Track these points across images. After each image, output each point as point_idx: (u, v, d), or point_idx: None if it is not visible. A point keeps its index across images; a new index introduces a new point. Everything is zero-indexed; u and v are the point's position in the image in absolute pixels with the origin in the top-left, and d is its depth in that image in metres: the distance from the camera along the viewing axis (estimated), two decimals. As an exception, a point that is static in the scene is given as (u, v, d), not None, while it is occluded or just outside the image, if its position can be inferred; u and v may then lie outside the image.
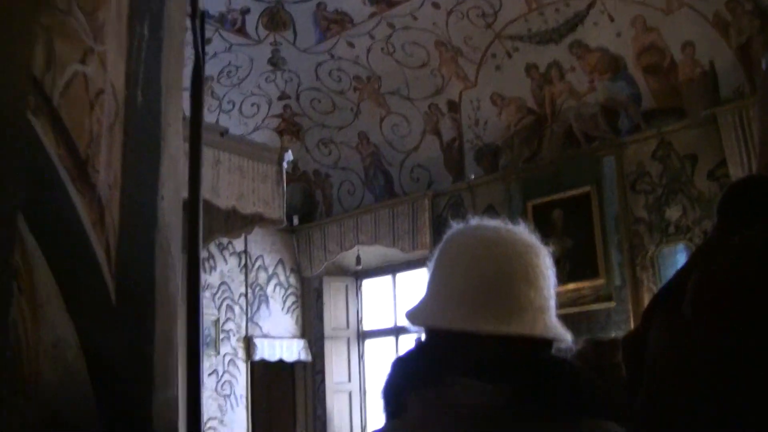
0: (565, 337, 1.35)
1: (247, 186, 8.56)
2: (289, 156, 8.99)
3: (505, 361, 1.30)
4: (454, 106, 10.14)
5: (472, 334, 1.30)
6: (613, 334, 8.30)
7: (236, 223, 9.41)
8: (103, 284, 1.62)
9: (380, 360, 11.84)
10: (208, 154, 8.07)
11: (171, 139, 2.14)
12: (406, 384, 1.40)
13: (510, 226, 1.50)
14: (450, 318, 1.34)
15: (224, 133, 8.42)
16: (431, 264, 1.52)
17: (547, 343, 1.35)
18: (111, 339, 1.60)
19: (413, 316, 1.47)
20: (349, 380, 11.84)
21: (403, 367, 1.45)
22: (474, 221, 1.53)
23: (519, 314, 1.32)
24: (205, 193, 7.89)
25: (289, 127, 11.43)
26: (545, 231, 7.34)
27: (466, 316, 1.32)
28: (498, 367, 1.29)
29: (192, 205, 2.15)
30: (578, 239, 9.00)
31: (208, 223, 9.67)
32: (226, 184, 8.33)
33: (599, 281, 8.86)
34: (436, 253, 1.53)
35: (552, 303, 1.38)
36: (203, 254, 10.54)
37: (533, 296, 1.35)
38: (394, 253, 11.07)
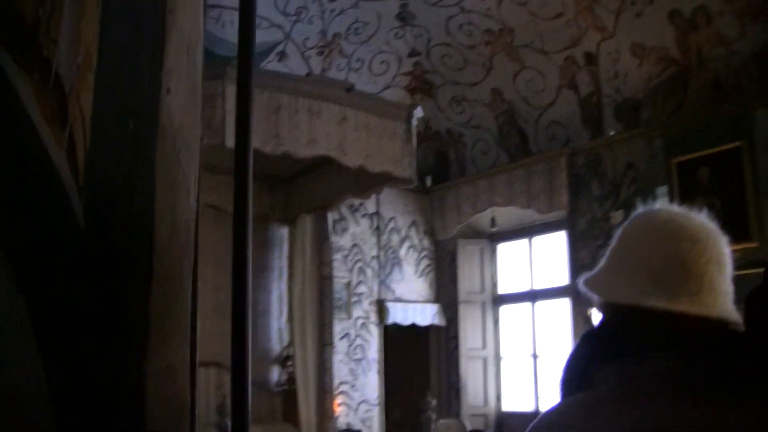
0: (740, 322, 1.44)
1: (375, 144, 8.76)
2: (418, 112, 9.15)
3: (700, 338, 1.41)
4: (591, 59, 10.13)
5: (667, 311, 1.41)
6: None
7: (366, 183, 9.77)
8: (64, 206, 1.26)
9: (515, 326, 12.03)
10: (333, 110, 8.45)
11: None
12: (599, 357, 1.50)
13: (694, 212, 1.57)
14: (646, 295, 1.45)
15: (350, 88, 8.66)
16: (615, 240, 1.62)
17: (725, 325, 1.45)
18: (75, 288, 1.26)
19: (596, 288, 1.59)
20: (484, 346, 12.12)
21: (594, 341, 1.55)
22: (658, 205, 1.60)
23: (709, 296, 1.43)
24: (332, 151, 8.33)
25: (420, 85, 11.72)
26: (691, 190, 7.40)
27: (662, 294, 1.43)
28: (694, 342, 1.40)
29: (239, 148, 1.78)
30: (727, 199, 8.85)
31: (337, 183, 10.13)
32: (354, 141, 8.56)
33: (752, 245, 8.65)
34: (621, 230, 1.62)
35: (732, 289, 1.48)
36: (334, 216, 11.05)
37: (721, 280, 1.46)
38: (529, 215, 11.23)
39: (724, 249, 1.50)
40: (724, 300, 1.45)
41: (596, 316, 1.63)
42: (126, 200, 1.38)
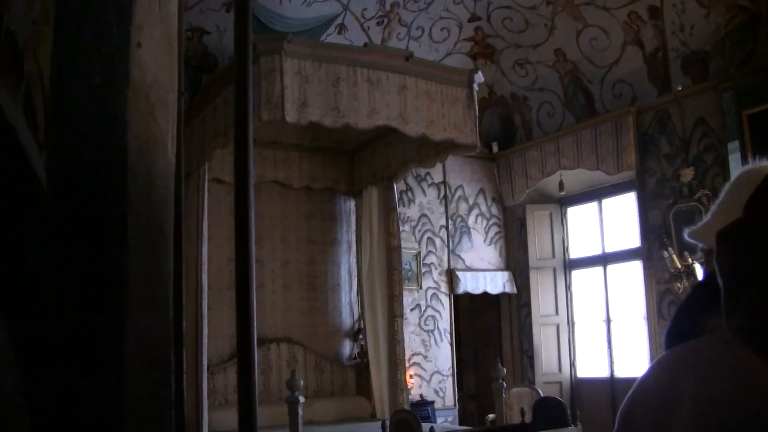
0: None
1: (437, 111, 8.75)
2: (479, 77, 9.11)
3: None
4: (655, 12, 9.94)
5: None
6: None
7: (429, 151, 9.80)
8: (21, 164, 1.23)
9: (588, 291, 11.97)
10: (393, 79, 8.49)
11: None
12: (709, 306, 1.51)
13: None
14: None
15: (409, 57, 8.66)
16: (722, 194, 1.62)
17: None
18: (40, 246, 1.26)
19: (706, 238, 1.62)
20: (557, 312, 12.08)
21: (703, 291, 1.57)
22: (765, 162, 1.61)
23: None
24: (393, 121, 8.38)
25: (482, 50, 11.67)
26: (765, 143, 7.26)
27: None
28: None
29: (240, 109, 1.67)
30: (804, 151, 8.63)
31: (401, 153, 10.20)
32: (414, 110, 8.56)
33: (831, 198, 8.46)
34: (729, 184, 1.63)
35: None
36: (400, 186, 11.12)
37: None
38: (598, 177, 11.11)
39: None
40: None
41: (699, 269, 1.70)
42: (94, 156, 1.34)
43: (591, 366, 11.80)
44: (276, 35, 8.07)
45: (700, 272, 9.13)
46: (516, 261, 12.50)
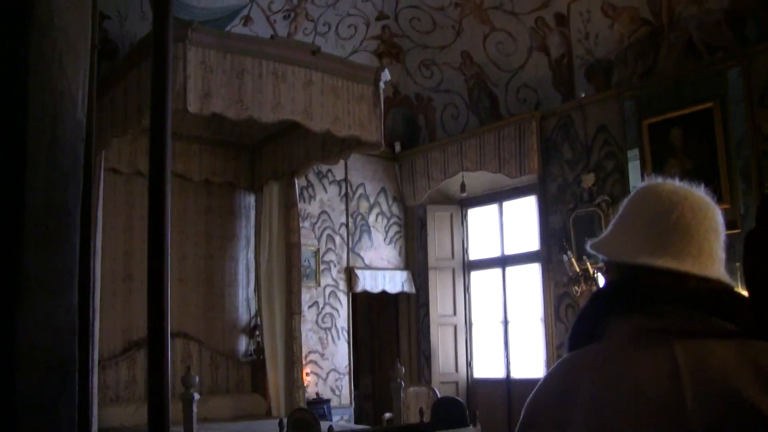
0: (732, 284, 1.66)
1: (342, 108, 8.63)
2: (386, 75, 9.03)
3: (702, 294, 1.61)
4: (562, 20, 10.03)
5: (674, 271, 1.62)
6: (737, 264, 8.19)
7: (333, 148, 9.68)
8: None
9: (486, 292, 12.03)
10: (299, 73, 8.32)
11: None
12: (608, 312, 1.69)
13: (694, 186, 1.75)
14: (656, 256, 1.64)
15: (316, 51, 8.51)
16: (622, 209, 1.77)
17: (722, 285, 1.66)
18: None
19: (607, 250, 1.78)
20: (455, 313, 12.09)
21: (604, 299, 1.74)
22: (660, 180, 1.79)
23: (708, 259, 1.65)
24: (297, 115, 8.22)
25: (389, 49, 11.59)
26: (662, 152, 7.39)
27: (669, 256, 1.63)
28: (697, 299, 1.60)
29: (156, 106, 1.58)
30: (699, 161, 8.83)
31: (304, 149, 10.05)
32: (320, 105, 8.42)
33: (724, 206, 8.67)
34: (628, 200, 1.78)
35: (724, 255, 1.69)
36: (302, 182, 10.96)
37: (717, 247, 1.68)
38: (500, 180, 11.16)
39: (720, 219, 1.71)
40: (719, 264, 1.66)
41: (601, 279, 1.87)
42: None
43: (487, 367, 11.85)
44: (181, 23, 7.81)
45: (601, 279, 9.28)
46: (415, 261, 12.46)
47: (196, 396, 7.41)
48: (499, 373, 11.48)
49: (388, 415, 9.84)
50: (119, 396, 9.66)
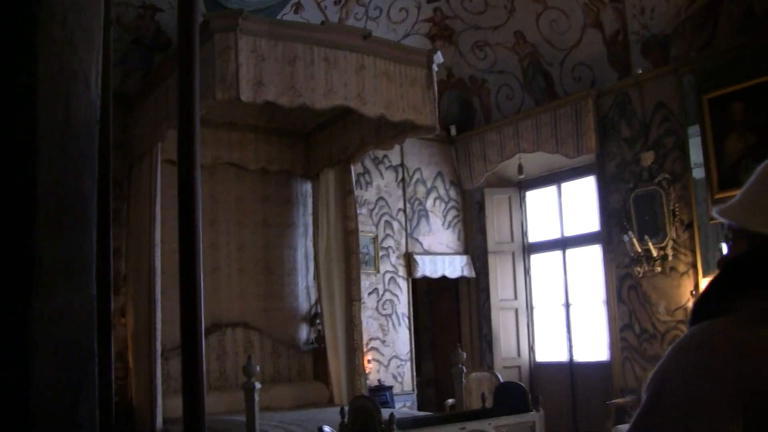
0: None
1: (396, 92, 8.56)
2: (438, 57, 8.93)
3: None
4: (616, -6, 9.84)
5: None
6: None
7: (387, 132, 9.62)
8: None
9: (547, 275, 11.90)
10: (351, 59, 8.28)
11: None
12: (740, 285, 1.58)
13: None
14: None
15: (367, 36, 8.44)
16: (755, 175, 1.65)
17: None
18: None
19: (739, 217, 1.66)
20: (515, 297, 11.98)
21: (734, 270, 1.63)
22: None
23: None
24: (350, 101, 8.19)
25: (441, 32, 11.48)
26: (724, 127, 7.19)
27: None
28: None
29: (184, 93, 1.57)
30: (762, 135, 8.56)
31: (359, 135, 10.02)
32: (373, 90, 8.35)
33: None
34: (763, 167, 1.65)
35: None
36: (358, 169, 10.95)
37: None
38: (558, 161, 11.01)
39: None
40: None
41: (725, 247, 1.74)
42: None
43: (550, 350, 11.73)
44: (231, 12, 7.83)
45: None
46: (474, 245, 12.37)
47: (258, 385, 7.43)
48: (562, 357, 11.35)
49: (450, 401, 9.80)
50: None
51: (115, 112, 7.23)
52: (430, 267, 11.97)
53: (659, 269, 9.44)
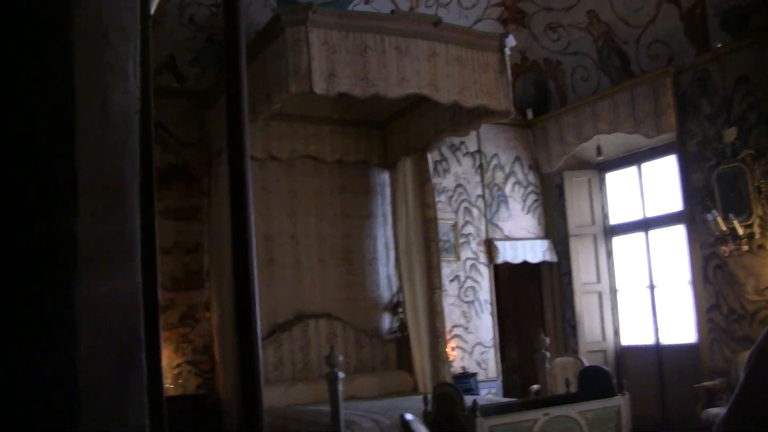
0: None
1: (468, 77, 8.54)
2: (510, 41, 8.88)
3: None
4: (692, -34, 9.60)
5: None
6: None
7: (462, 119, 9.62)
8: None
9: (630, 257, 11.71)
10: (422, 46, 8.30)
11: None
12: None
13: None
14: None
15: (438, 22, 8.44)
16: None
17: None
18: None
19: None
20: (598, 280, 11.83)
21: None
22: None
23: None
24: (423, 88, 8.22)
25: (513, 15, 11.37)
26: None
27: None
28: None
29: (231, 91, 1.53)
30: None
31: (434, 123, 10.04)
32: (445, 77, 8.36)
33: None
34: None
35: None
36: (435, 157, 10.96)
37: None
38: (637, 140, 10.82)
39: None
40: None
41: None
42: (26, 92, 1.12)
43: (635, 333, 11.55)
44: (300, 6, 7.92)
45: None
46: (555, 229, 12.25)
47: (341, 375, 7.52)
48: (648, 340, 11.17)
49: (535, 387, 9.76)
50: (267, 378, 9.92)
51: (192, 110, 7.36)
52: (511, 252, 11.91)
53: (746, 248, 9.21)
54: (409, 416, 6.11)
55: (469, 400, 6.70)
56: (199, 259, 9.90)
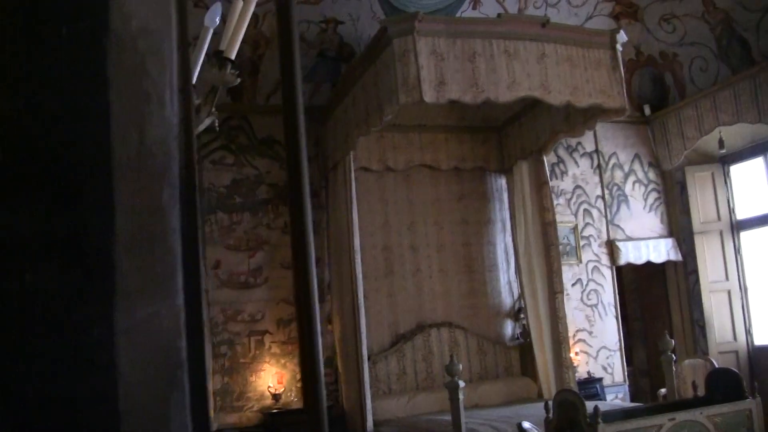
0: None
1: (580, 77, 8.40)
2: (622, 37, 8.68)
3: None
4: (814, -55, 9.18)
5: None
6: None
7: (577, 119, 9.47)
8: None
9: (760, 252, 11.23)
10: (531, 48, 8.21)
11: None
12: None
13: None
14: None
15: (545, 23, 8.34)
16: None
17: None
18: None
19: None
20: (727, 278, 11.39)
21: None
22: None
23: None
24: (535, 91, 8.14)
25: (625, 9, 11.10)
26: None
27: None
28: None
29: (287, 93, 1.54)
30: None
31: (549, 125, 9.92)
32: (556, 77, 8.25)
33: None
34: None
35: None
36: (552, 159, 10.83)
37: None
38: (761, 130, 10.40)
39: None
40: None
41: None
42: (64, 123, 1.14)
43: (770, 332, 11.08)
44: (407, 16, 7.96)
45: None
46: (679, 227, 11.88)
47: (461, 383, 7.50)
48: (784, 339, 10.70)
49: (662, 390, 9.48)
50: (391, 388, 9.99)
51: (308, 126, 7.49)
52: (634, 253, 11.63)
53: None
54: (527, 425, 6.05)
55: (591, 405, 6.56)
56: (320, 273, 10.04)
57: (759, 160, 11.10)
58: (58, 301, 1.09)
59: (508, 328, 11.10)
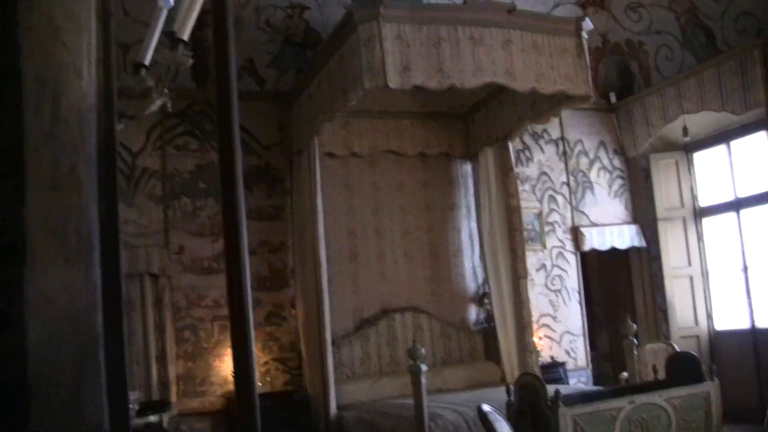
0: None
1: (546, 64, 8.39)
2: (587, 25, 8.67)
3: None
4: (778, -66, 9.22)
5: None
6: None
7: (543, 106, 9.48)
8: None
9: (721, 239, 11.34)
10: (496, 35, 8.20)
11: None
12: None
13: None
14: None
15: (512, 10, 8.32)
16: None
17: None
18: None
19: None
20: (689, 264, 11.50)
21: None
22: None
23: None
24: (500, 77, 8.13)
25: (591, -3, 11.15)
26: None
27: None
28: None
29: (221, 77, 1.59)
30: None
31: (515, 112, 9.93)
32: (522, 64, 8.23)
33: None
34: None
35: None
36: (517, 146, 10.86)
37: None
38: (724, 118, 10.47)
39: None
40: None
41: None
42: None
43: (730, 317, 11.20)
44: (371, 1, 7.93)
45: None
46: (643, 213, 11.97)
47: (424, 368, 7.51)
48: (743, 324, 10.82)
49: (624, 374, 9.56)
50: (355, 373, 10.00)
51: (273, 112, 7.40)
52: (598, 239, 11.71)
53: None
54: (486, 407, 6.06)
55: (552, 389, 6.60)
56: (283, 258, 10.01)
57: (722, 148, 11.19)
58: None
59: (473, 313, 11.13)
